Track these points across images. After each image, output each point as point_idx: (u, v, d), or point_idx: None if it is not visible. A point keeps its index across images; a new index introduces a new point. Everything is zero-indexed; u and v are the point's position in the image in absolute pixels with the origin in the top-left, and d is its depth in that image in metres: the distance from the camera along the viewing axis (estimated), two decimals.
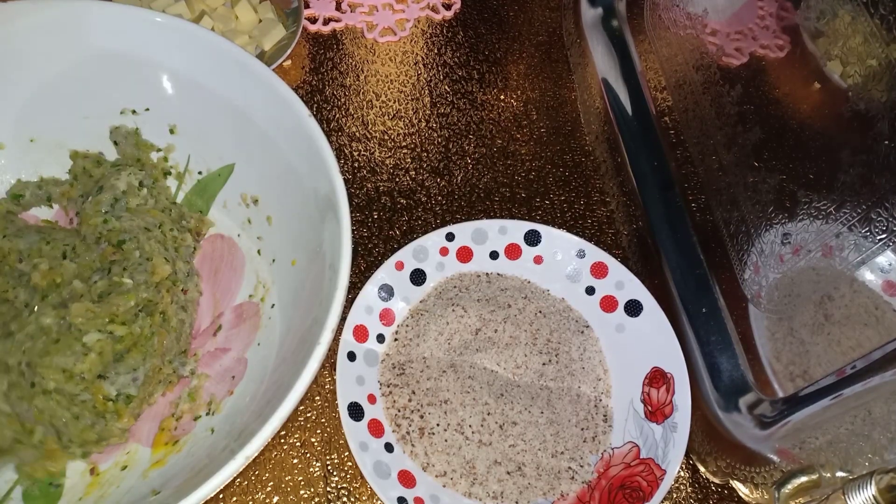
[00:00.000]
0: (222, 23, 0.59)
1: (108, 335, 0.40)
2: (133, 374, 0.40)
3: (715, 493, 0.46)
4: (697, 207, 0.51)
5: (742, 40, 0.49)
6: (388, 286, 0.48)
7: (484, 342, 0.46)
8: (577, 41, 0.63)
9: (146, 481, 0.40)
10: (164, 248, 0.44)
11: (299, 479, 0.44)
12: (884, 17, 0.37)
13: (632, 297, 0.48)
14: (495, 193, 0.57)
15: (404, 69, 0.63)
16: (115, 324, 0.40)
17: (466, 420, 0.44)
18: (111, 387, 0.40)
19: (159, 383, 0.43)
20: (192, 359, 0.45)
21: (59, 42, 0.44)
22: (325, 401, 0.47)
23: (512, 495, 0.43)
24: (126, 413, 0.40)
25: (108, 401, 0.39)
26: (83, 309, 0.40)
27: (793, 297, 0.43)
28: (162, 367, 0.42)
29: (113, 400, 0.40)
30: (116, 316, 0.40)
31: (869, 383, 0.34)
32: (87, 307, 0.40)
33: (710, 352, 0.46)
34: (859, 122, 0.38)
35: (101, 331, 0.40)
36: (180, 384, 0.44)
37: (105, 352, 0.39)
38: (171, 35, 0.44)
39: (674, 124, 0.55)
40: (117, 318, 0.40)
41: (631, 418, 0.45)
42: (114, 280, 0.41)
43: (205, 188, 0.49)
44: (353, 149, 0.58)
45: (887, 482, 0.32)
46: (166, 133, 0.48)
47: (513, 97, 0.62)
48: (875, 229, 0.38)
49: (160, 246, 0.44)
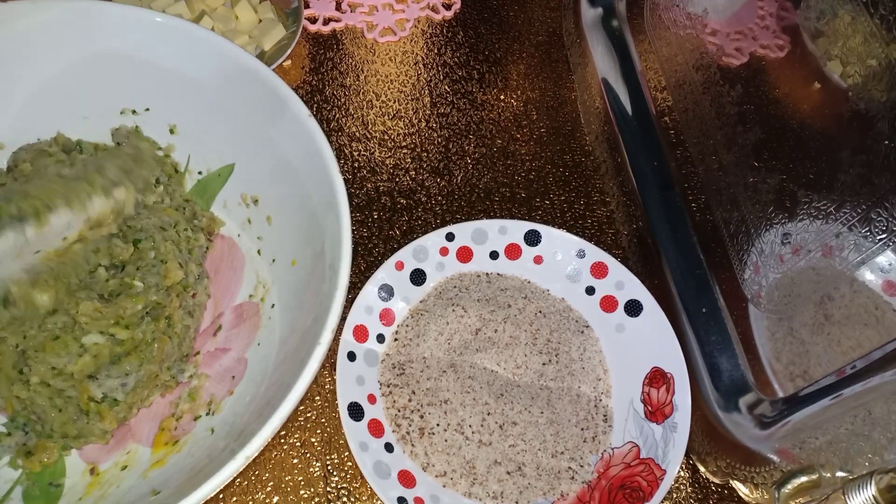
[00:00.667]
0: (222, 23, 0.59)
1: (109, 338, 0.40)
2: (124, 378, 0.40)
3: (715, 493, 0.46)
4: (697, 207, 0.51)
5: (742, 40, 0.49)
6: (388, 286, 0.48)
7: (484, 342, 0.46)
8: (577, 41, 0.63)
9: (146, 481, 0.40)
10: (178, 250, 0.44)
11: (299, 479, 0.44)
12: (884, 17, 0.37)
13: (632, 297, 0.48)
14: (495, 193, 0.57)
15: (404, 69, 0.63)
16: (119, 326, 0.40)
17: (466, 420, 0.44)
18: (98, 389, 0.39)
19: (156, 387, 0.42)
20: (192, 364, 0.45)
21: (59, 42, 0.44)
22: (325, 401, 0.47)
23: (512, 495, 0.43)
24: (109, 416, 0.40)
25: (92, 402, 0.39)
26: (91, 308, 0.39)
27: (793, 297, 0.43)
28: (159, 374, 0.42)
29: (97, 402, 0.39)
30: (122, 318, 0.40)
31: (869, 383, 0.34)
32: (94, 306, 0.40)
33: (710, 352, 0.46)
34: (859, 122, 0.38)
35: (102, 332, 0.39)
36: (180, 385, 0.44)
37: (101, 354, 0.39)
38: (171, 35, 0.44)
39: (674, 124, 0.55)
40: (122, 320, 0.40)
41: (631, 418, 0.45)
42: (125, 280, 0.41)
43: (205, 188, 0.49)
44: (353, 149, 0.58)
45: (887, 482, 0.32)
46: (166, 133, 0.48)
47: (513, 97, 0.62)
48: (875, 229, 0.38)
49: (175, 248, 0.43)
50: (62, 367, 0.38)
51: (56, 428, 0.39)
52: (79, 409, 0.39)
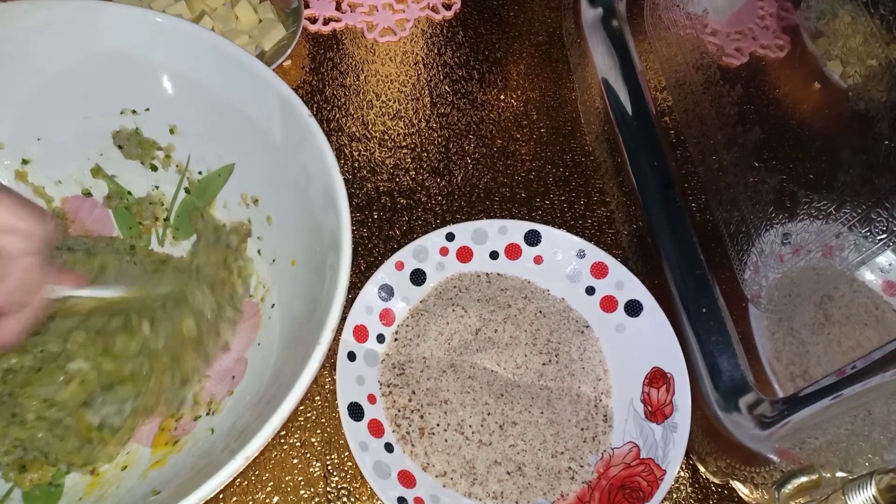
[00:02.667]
0: (222, 23, 0.59)
1: (93, 366, 0.39)
2: (120, 405, 0.39)
3: (715, 493, 0.46)
4: (697, 207, 0.51)
5: (742, 40, 0.49)
6: (388, 286, 0.48)
7: (484, 342, 0.46)
8: (577, 41, 0.63)
9: (146, 481, 0.40)
10: (211, 308, 0.43)
11: (299, 479, 0.44)
12: (884, 17, 0.37)
13: (632, 297, 0.48)
14: (495, 193, 0.57)
15: (404, 69, 0.63)
16: (107, 356, 0.39)
17: (466, 420, 0.44)
18: (94, 415, 0.39)
19: (153, 414, 0.42)
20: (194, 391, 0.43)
21: (59, 42, 0.44)
22: (325, 401, 0.47)
23: (512, 495, 0.43)
24: (112, 441, 0.39)
25: (92, 429, 0.39)
26: (83, 336, 0.39)
27: (793, 297, 0.43)
28: (157, 406, 0.41)
29: (97, 429, 0.39)
30: (109, 350, 0.39)
31: (869, 383, 0.34)
32: (87, 336, 0.39)
33: (710, 352, 0.46)
34: (859, 122, 0.38)
35: (87, 359, 0.39)
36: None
37: (89, 380, 0.39)
38: (171, 35, 0.44)
39: (674, 124, 0.55)
40: (109, 351, 0.39)
41: (631, 418, 0.45)
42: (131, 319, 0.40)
43: (205, 188, 0.49)
44: (353, 149, 0.58)
45: (887, 482, 0.32)
46: (166, 133, 0.48)
47: (513, 97, 0.62)
48: (875, 229, 0.38)
49: (211, 304, 0.43)
50: (52, 396, 0.38)
51: (61, 457, 0.39)
52: (80, 437, 0.39)
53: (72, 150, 0.48)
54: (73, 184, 0.49)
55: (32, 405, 0.38)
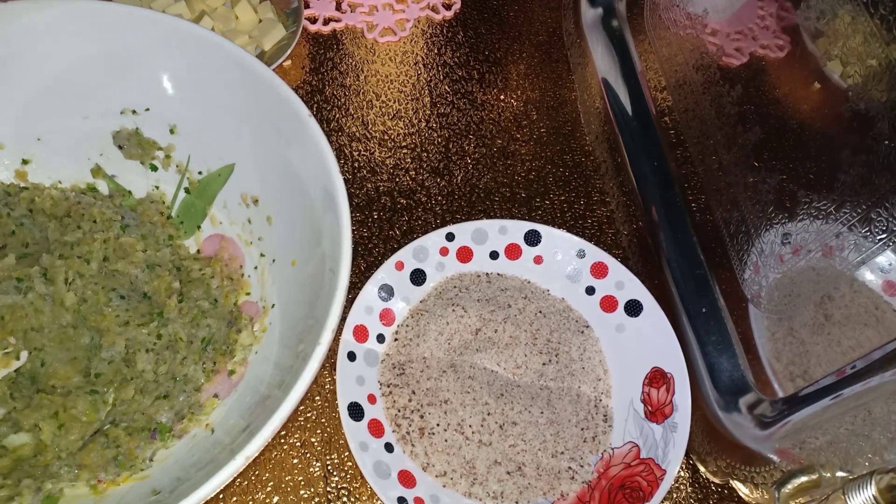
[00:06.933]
0: (222, 23, 0.59)
1: (34, 435, 0.38)
2: (36, 492, 0.38)
3: (715, 493, 0.46)
4: (697, 207, 0.51)
5: (742, 40, 0.49)
6: (388, 286, 0.48)
7: (484, 342, 0.46)
8: (577, 41, 0.63)
9: (146, 481, 0.40)
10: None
11: (299, 479, 0.44)
12: (884, 17, 0.37)
13: (632, 297, 0.48)
14: (495, 193, 0.57)
15: (404, 69, 0.63)
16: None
17: (466, 420, 0.44)
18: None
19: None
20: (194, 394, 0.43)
21: (59, 42, 0.44)
22: (325, 401, 0.47)
23: (512, 495, 0.43)
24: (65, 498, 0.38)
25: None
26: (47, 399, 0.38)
27: (793, 297, 0.43)
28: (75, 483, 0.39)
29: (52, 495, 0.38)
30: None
31: (869, 383, 0.34)
32: (47, 398, 0.38)
33: (710, 352, 0.46)
34: (859, 122, 0.38)
35: (29, 431, 0.38)
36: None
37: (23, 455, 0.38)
38: (171, 35, 0.44)
39: (674, 124, 0.55)
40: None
41: (631, 418, 0.45)
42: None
43: (205, 188, 0.49)
44: (353, 149, 0.58)
45: (887, 482, 0.32)
46: (166, 133, 0.48)
47: (513, 97, 0.62)
48: (875, 229, 0.38)
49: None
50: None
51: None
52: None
53: (72, 150, 0.48)
54: (74, 184, 0.49)
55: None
